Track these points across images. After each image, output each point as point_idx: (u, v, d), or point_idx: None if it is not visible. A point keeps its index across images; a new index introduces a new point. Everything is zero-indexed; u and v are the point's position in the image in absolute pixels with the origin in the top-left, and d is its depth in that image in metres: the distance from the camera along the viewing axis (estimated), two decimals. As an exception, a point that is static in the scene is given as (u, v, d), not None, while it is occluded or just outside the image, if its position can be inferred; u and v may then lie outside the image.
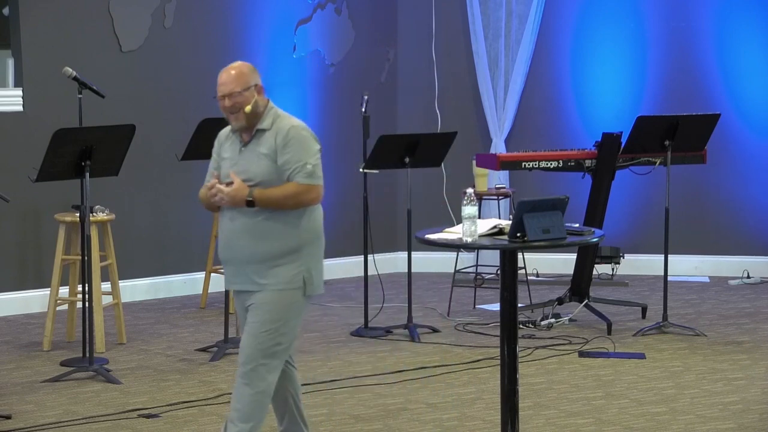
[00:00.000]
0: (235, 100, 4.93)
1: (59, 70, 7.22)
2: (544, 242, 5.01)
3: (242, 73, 4.97)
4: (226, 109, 4.96)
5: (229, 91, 4.94)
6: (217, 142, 5.13)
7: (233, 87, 4.94)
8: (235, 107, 4.93)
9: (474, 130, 10.05)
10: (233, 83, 4.95)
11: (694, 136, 7.91)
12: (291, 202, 4.92)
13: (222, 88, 4.97)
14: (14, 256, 8.52)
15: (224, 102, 4.95)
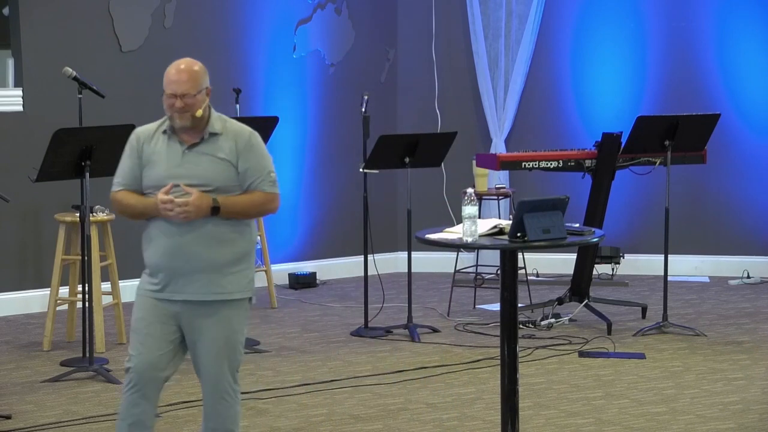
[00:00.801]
0: (187, 101, 4.63)
1: (59, 70, 7.22)
2: (544, 242, 5.01)
3: (197, 75, 4.70)
4: (175, 109, 4.64)
5: (183, 91, 4.63)
6: (135, 142, 4.72)
7: (188, 89, 4.64)
8: (185, 108, 4.63)
9: (474, 130, 10.05)
10: (188, 85, 4.65)
11: (694, 136, 7.91)
12: (255, 211, 4.76)
13: (175, 86, 4.65)
14: (14, 256, 8.52)
15: (175, 102, 4.64)
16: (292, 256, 9.76)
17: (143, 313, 4.73)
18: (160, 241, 4.67)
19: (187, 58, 4.81)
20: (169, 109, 4.68)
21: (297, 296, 9.18)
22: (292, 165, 9.67)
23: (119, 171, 4.74)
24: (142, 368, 4.69)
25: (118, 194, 4.73)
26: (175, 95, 4.65)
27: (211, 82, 10.30)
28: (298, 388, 6.57)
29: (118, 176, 4.74)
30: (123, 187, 4.72)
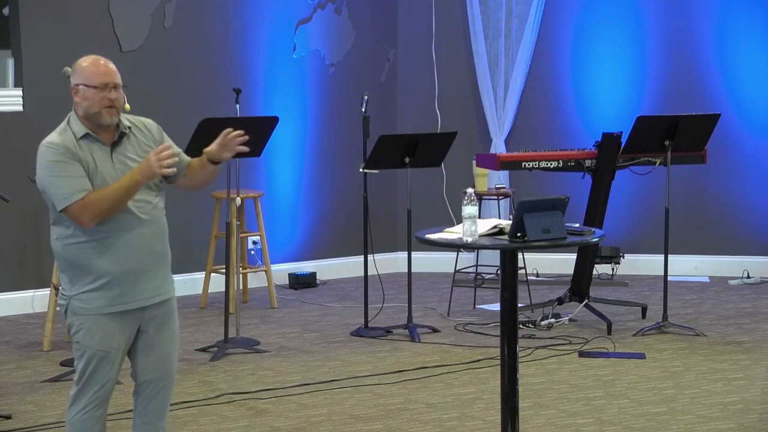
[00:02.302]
0: (119, 93, 4.51)
1: (59, 70, 7.20)
2: (545, 242, 5.01)
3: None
4: (109, 101, 4.46)
5: (116, 81, 4.50)
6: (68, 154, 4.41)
7: (118, 80, 4.51)
8: (118, 101, 4.49)
9: (474, 130, 10.05)
10: (118, 76, 4.52)
11: (694, 136, 7.91)
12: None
13: (109, 77, 4.49)
14: (14, 256, 8.52)
15: (110, 93, 4.46)
16: (292, 256, 9.76)
17: (112, 345, 4.50)
18: (120, 245, 4.43)
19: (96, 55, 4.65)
20: (100, 103, 4.47)
21: (297, 296, 9.18)
22: (292, 165, 9.68)
23: (64, 181, 4.35)
24: (108, 394, 4.60)
25: (86, 198, 4.36)
26: (111, 85, 4.49)
27: (211, 82, 10.33)
28: (298, 388, 6.57)
29: (67, 186, 4.35)
30: (86, 192, 4.37)
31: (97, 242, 4.42)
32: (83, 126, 4.50)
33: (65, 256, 4.48)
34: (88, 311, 4.45)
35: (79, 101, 4.51)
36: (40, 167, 4.45)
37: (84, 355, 4.49)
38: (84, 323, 4.46)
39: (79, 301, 4.46)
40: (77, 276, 4.45)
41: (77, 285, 4.46)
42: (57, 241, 4.50)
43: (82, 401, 4.55)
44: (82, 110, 4.51)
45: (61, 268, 4.53)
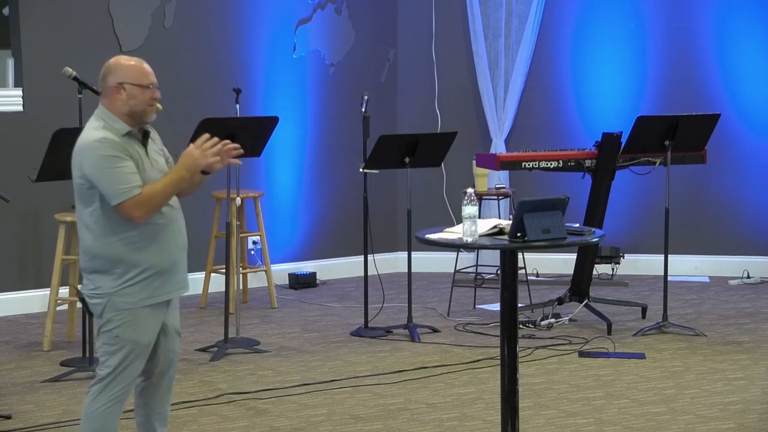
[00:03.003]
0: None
1: (59, 70, 7.22)
2: (544, 242, 5.01)
3: None
4: (154, 100, 4.63)
5: (156, 81, 4.67)
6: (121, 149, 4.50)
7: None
8: (158, 100, 4.68)
9: (474, 130, 10.05)
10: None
11: (694, 136, 7.91)
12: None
13: (153, 76, 4.66)
14: (14, 256, 8.52)
15: (154, 93, 4.64)
16: (292, 256, 9.76)
17: (149, 338, 4.64)
18: (164, 237, 4.57)
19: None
20: (146, 102, 4.60)
21: (297, 296, 9.18)
22: (292, 165, 9.68)
23: (122, 176, 4.45)
24: (131, 390, 4.72)
25: (141, 194, 4.47)
26: (154, 85, 4.64)
27: (211, 82, 10.34)
28: (298, 388, 6.57)
29: (125, 181, 4.45)
30: (140, 187, 4.48)
31: (145, 236, 4.53)
32: (125, 123, 4.58)
33: (108, 254, 4.54)
34: (132, 305, 4.55)
35: (125, 99, 4.58)
36: (92, 162, 4.48)
37: (122, 350, 4.58)
38: (126, 317, 4.56)
39: (122, 296, 4.54)
40: (120, 271, 4.53)
41: (120, 280, 4.54)
42: (98, 240, 4.54)
43: (107, 395, 4.63)
44: (127, 108, 4.59)
45: (99, 268, 4.56)
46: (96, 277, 4.58)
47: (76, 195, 4.58)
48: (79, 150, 4.55)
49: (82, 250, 4.62)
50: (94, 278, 4.59)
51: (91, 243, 4.56)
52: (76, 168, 4.55)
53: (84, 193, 4.53)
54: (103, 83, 4.64)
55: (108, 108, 4.60)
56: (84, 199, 4.55)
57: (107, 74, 4.64)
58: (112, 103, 4.59)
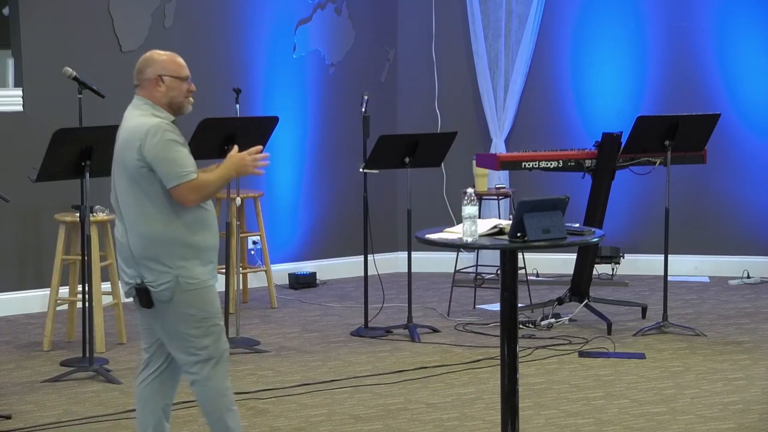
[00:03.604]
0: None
1: (59, 70, 7.22)
2: (544, 242, 5.01)
3: None
4: (190, 92, 4.83)
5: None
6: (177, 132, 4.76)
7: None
8: (193, 93, 4.87)
9: (474, 130, 10.05)
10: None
11: (694, 136, 7.91)
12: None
13: (188, 70, 4.84)
14: (14, 256, 8.52)
15: (191, 85, 4.83)
16: (292, 256, 9.76)
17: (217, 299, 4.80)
18: (212, 221, 4.76)
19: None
20: (184, 94, 4.79)
21: (297, 296, 9.18)
22: (292, 165, 9.68)
23: (183, 160, 4.64)
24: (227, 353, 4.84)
25: (197, 179, 4.66)
26: (189, 77, 4.81)
27: (211, 82, 10.35)
28: (298, 388, 6.57)
29: (185, 165, 4.63)
30: (197, 173, 4.68)
31: (199, 220, 4.71)
32: (168, 113, 4.77)
33: (171, 237, 4.65)
34: (196, 285, 4.68)
35: (164, 91, 4.76)
36: (154, 144, 4.62)
37: (210, 327, 4.72)
38: (198, 296, 4.69)
39: (186, 277, 4.66)
40: (182, 253, 4.66)
41: (183, 261, 4.66)
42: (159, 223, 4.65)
43: (221, 371, 4.78)
44: (167, 99, 4.76)
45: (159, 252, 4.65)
46: (155, 263, 4.66)
47: (130, 181, 4.66)
48: (135, 134, 4.66)
49: (137, 236, 4.67)
50: (153, 265, 4.66)
51: (149, 227, 4.66)
52: (132, 151, 4.64)
53: (144, 176, 4.63)
54: (140, 76, 4.80)
55: (151, 98, 4.77)
56: (143, 182, 4.64)
57: (145, 67, 4.80)
58: (152, 94, 4.77)
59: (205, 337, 4.72)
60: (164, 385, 4.90)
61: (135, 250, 4.68)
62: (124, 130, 4.75)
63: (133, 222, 4.68)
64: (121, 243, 4.74)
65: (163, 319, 4.73)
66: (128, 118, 4.78)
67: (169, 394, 4.94)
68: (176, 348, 4.77)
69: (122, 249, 4.74)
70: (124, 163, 4.68)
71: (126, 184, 4.68)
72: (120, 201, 4.72)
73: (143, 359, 4.90)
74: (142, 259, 4.68)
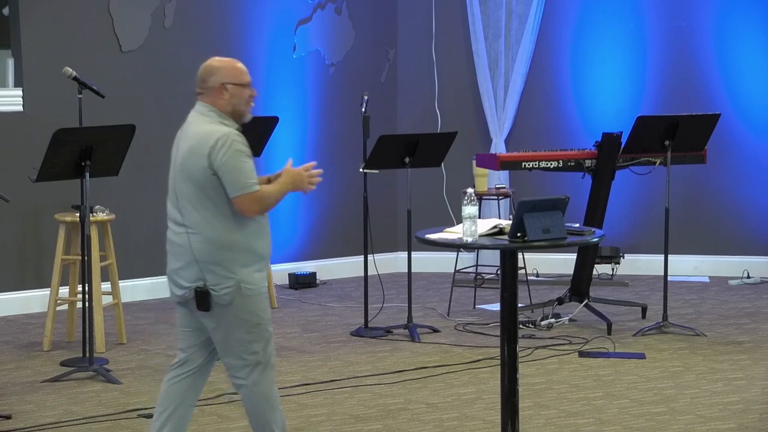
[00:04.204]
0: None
1: (59, 70, 7.22)
2: (545, 242, 5.01)
3: None
4: (251, 99, 4.86)
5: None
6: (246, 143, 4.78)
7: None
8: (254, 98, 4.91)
9: (474, 130, 10.05)
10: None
11: (694, 136, 7.91)
12: None
13: (249, 76, 4.87)
14: (14, 256, 8.52)
15: (253, 91, 4.85)
16: (292, 256, 9.76)
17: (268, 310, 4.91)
18: (268, 230, 4.92)
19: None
20: (246, 101, 4.82)
21: (297, 296, 9.18)
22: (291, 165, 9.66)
23: (249, 172, 4.69)
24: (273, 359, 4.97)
25: (259, 191, 4.73)
26: (251, 83, 4.83)
27: (211, 82, 10.13)
28: (298, 388, 6.57)
29: (250, 177, 4.70)
30: (258, 185, 4.75)
31: (261, 227, 4.86)
32: (233, 121, 4.81)
33: (239, 243, 4.75)
34: (254, 291, 4.78)
35: (228, 99, 4.78)
36: (224, 154, 4.66)
37: (262, 334, 4.85)
38: (256, 303, 4.80)
39: (247, 283, 4.75)
40: (247, 259, 4.77)
41: (247, 267, 4.77)
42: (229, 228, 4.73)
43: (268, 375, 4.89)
44: (231, 107, 4.79)
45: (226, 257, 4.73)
46: (220, 268, 4.72)
47: (196, 187, 4.72)
48: (204, 142, 4.69)
49: (203, 241, 4.73)
50: (217, 269, 4.72)
51: (215, 233, 4.73)
52: (200, 158, 4.68)
53: (212, 183, 4.69)
54: (203, 84, 4.82)
55: (216, 105, 4.79)
56: (210, 189, 4.70)
57: (208, 75, 4.82)
58: (216, 102, 4.79)
59: (256, 342, 4.82)
60: (194, 385, 4.94)
61: (199, 254, 4.73)
62: (191, 136, 4.76)
63: (198, 227, 4.73)
64: (180, 246, 4.79)
65: (219, 323, 4.77)
66: (194, 123, 4.79)
67: (197, 393, 4.97)
68: (227, 352, 4.82)
69: (181, 252, 4.79)
70: (190, 170, 4.72)
71: (192, 190, 4.73)
72: (182, 206, 4.78)
73: (179, 358, 4.94)
74: (206, 263, 4.73)
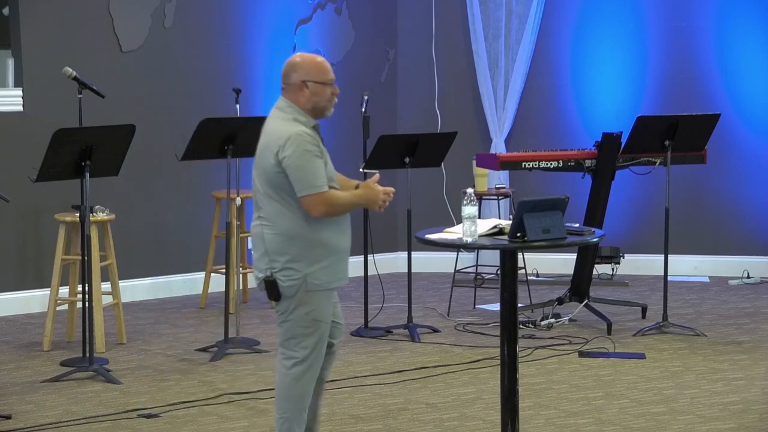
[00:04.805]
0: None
1: (59, 70, 7.22)
2: (544, 242, 5.01)
3: None
4: (334, 96, 4.92)
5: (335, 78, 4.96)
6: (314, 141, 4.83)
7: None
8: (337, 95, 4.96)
9: (474, 130, 10.05)
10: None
11: (694, 136, 7.91)
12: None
13: (332, 74, 4.92)
14: (14, 256, 8.52)
15: (335, 89, 4.92)
16: (292, 256, 9.74)
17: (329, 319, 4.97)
18: (346, 224, 4.92)
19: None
20: (327, 98, 4.89)
21: (297, 296, 9.17)
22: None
23: (316, 172, 4.76)
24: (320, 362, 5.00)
25: (328, 193, 4.80)
26: (333, 81, 4.90)
27: (211, 82, 10.31)
28: (298, 388, 6.56)
29: (318, 177, 4.77)
30: (327, 187, 4.80)
31: (337, 223, 4.88)
32: (311, 117, 4.89)
33: (310, 237, 4.83)
34: (319, 287, 4.87)
35: (308, 96, 4.88)
36: (293, 153, 4.76)
37: (316, 331, 4.91)
38: (320, 299, 4.90)
39: (314, 278, 4.85)
40: (317, 254, 4.85)
41: (316, 262, 4.85)
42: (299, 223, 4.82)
43: (309, 374, 4.97)
44: (311, 104, 4.88)
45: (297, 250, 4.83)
46: (290, 259, 4.84)
47: (268, 181, 4.82)
48: (275, 140, 4.80)
49: (275, 233, 4.84)
50: (286, 261, 4.84)
51: (286, 226, 4.83)
52: (271, 156, 4.80)
53: (281, 179, 4.79)
54: (286, 80, 4.91)
55: (296, 102, 4.88)
56: (281, 184, 4.80)
57: (290, 71, 4.90)
58: (297, 99, 4.88)
59: (310, 338, 4.92)
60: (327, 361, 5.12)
61: (270, 246, 4.85)
62: (266, 132, 4.89)
63: (271, 219, 4.86)
64: (256, 237, 4.91)
65: (283, 313, 4.99)
66: (271, 119, 4.91)
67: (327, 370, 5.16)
68: (283, 340, 4.99)
69: (257, 243, 4.91)
70: (264, 166, 4.85)
71: (266, 183, 4.85)
72: (259, 198, 4.90)
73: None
74: (275, 254, 4.86)
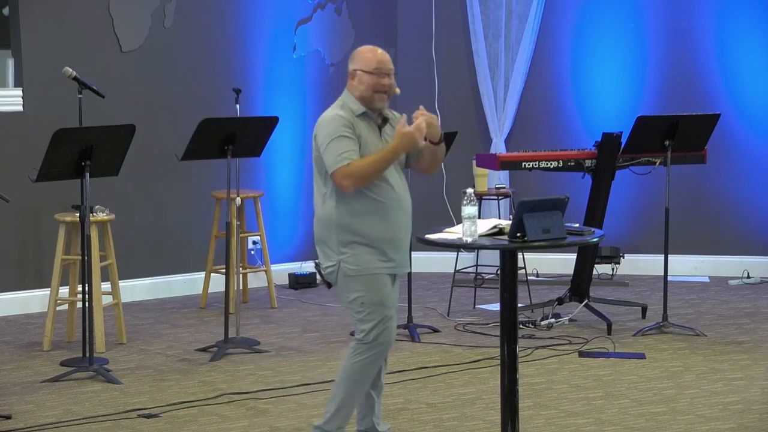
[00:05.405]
0: (391, 80, 5.13)
1: (59, 70, 7.22)
2: (544, 242, 5.01)
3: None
4: (385, 87, 5.10)
5: (391, 69, 5.13)
6: (347, 120, 5.09)
7: (392, 67, 5.16)
8: (391, 87, 5.11)
9: (474, 130, 10.05)
10: (391, 64, 5.17)
11: (694, 136, 7.91)
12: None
13: (387, 65, 5.11)
14: (14, 256, 8.52)
15: (386, 80, 5.09)
16: (292, 256, 9.76)
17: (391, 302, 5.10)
18: (387, 212, 5.06)
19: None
20: (376, 87, 5.10)
21: (297, 296, 9.18)
22: (292, 165, 9.67)
23: (342, 148, 5.01)
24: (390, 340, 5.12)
25: (349, 165, 5.00)
26: (387, 73, 5.10)
27: (211, 82, 10.32)
28: (298, 388, 6.57)
29: (342, 152, 5.02)
30: (351, 160, 5.00)
31: (369, 209, 5.06)
32: (360, 104, 5.14)
33: (336, 220, 5.13)
34: (357, 271, 5.03)
35: (356, 84, 5.18)
36: (322, 135, 5.15)
37: (370, 314, 5.05)
38: (360, 283, 5.05)
39: (347, 262, 5.06)
40: (345, 238, 5.08)
41: (344, 246, 5.08)
42: (328, 205, 5.19)
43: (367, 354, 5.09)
44: (359, 92, 5.16)
45: (327, 234, 5.19)
46: (324, 245, 5.16)
47: (314, 166, 5.25)
48: (317, 125, 5.20)
49: (316, 219, 5.25)
50: (323, 247, 5.17)
51: (323, 211, 5.19)
52: (313, 140, 5.21)
53: (320, 162, 5.16)
54: (348, 69, 5.27)
55: (349, 90, 5.21)
56: (321, 168, 5.17)
57: (350, 61, 5.29)
58: (351, 86, 5.20)
59: (366, 322, 5.06)
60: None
61: (315, 233, 5.26)
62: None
63: (316, 206, 5.25)
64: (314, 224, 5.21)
65: (338, 297, 5.17)
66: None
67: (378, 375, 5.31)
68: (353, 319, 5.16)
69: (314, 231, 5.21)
70: (313, 153, 5.22)
71: (315, 170, 5.22)
72: (314, 187, 5.27)
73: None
74: (318, 241, 5.23)
